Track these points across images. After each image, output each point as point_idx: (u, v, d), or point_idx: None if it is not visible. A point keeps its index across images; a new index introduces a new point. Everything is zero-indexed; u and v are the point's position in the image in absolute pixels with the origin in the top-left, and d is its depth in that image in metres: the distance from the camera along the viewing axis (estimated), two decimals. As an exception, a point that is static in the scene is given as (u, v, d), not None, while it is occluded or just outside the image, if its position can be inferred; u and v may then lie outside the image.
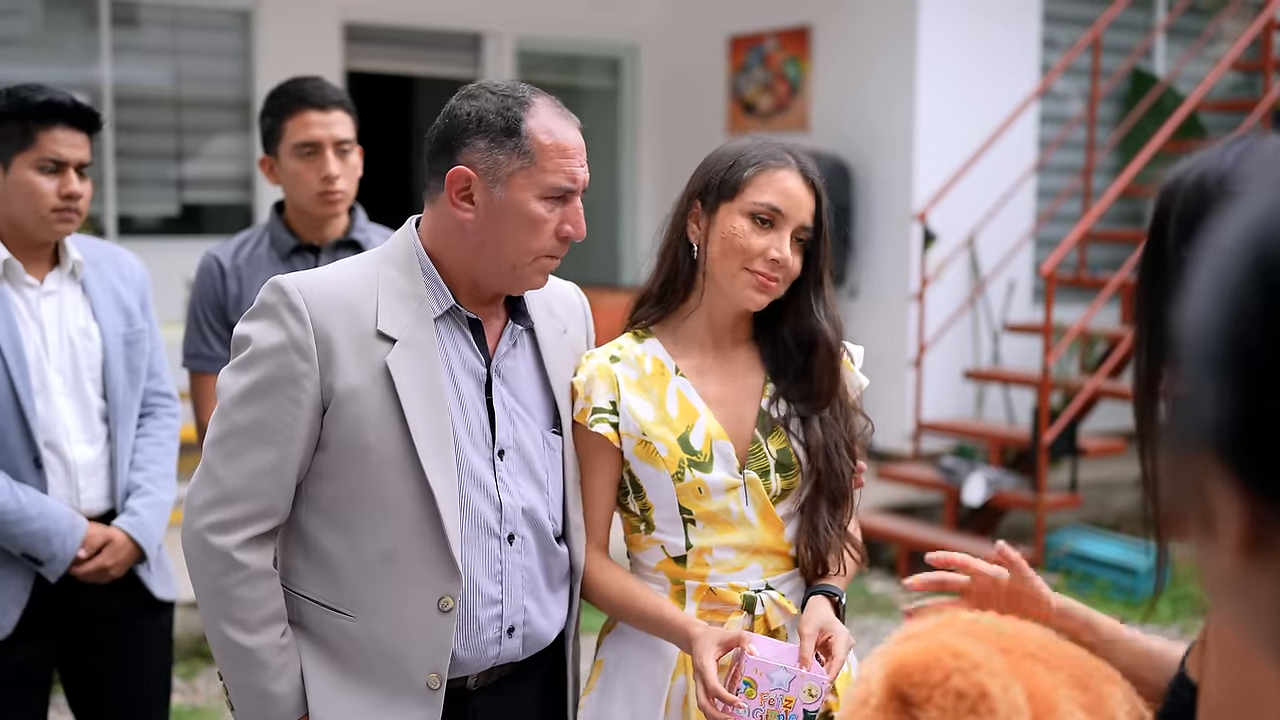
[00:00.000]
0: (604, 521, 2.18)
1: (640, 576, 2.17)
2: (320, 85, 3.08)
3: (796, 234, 2.11)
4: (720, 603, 2.10)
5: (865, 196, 7.70)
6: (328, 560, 1.96)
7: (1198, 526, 0.66)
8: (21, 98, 2.67)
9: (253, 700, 1.94)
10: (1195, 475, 0.65)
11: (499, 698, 2.08)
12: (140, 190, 7.56)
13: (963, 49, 7.56)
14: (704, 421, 2.11)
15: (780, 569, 2.14)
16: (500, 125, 1.94)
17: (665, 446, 2.09)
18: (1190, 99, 6.86)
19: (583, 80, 9.42)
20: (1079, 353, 7.33)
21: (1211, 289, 0.64)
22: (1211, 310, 0.64)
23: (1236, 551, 0.64)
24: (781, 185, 2.10)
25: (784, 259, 2.08)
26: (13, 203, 2.68)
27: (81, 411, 2.75)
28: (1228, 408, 0.62)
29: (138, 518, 2.77)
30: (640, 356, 2.17)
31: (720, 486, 2.09)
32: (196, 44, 7.60)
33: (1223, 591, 0.67)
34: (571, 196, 1.98)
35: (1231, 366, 0.62)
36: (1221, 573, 0.66)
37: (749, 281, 2.09)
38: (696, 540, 2.10)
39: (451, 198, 1.95)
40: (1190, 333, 0.65)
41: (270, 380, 1.89)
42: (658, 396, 2.13)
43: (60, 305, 2.76)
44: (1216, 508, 0.64)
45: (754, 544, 2.11)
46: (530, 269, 1.99)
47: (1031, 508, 6.28)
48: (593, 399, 2.12)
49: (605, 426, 2.11)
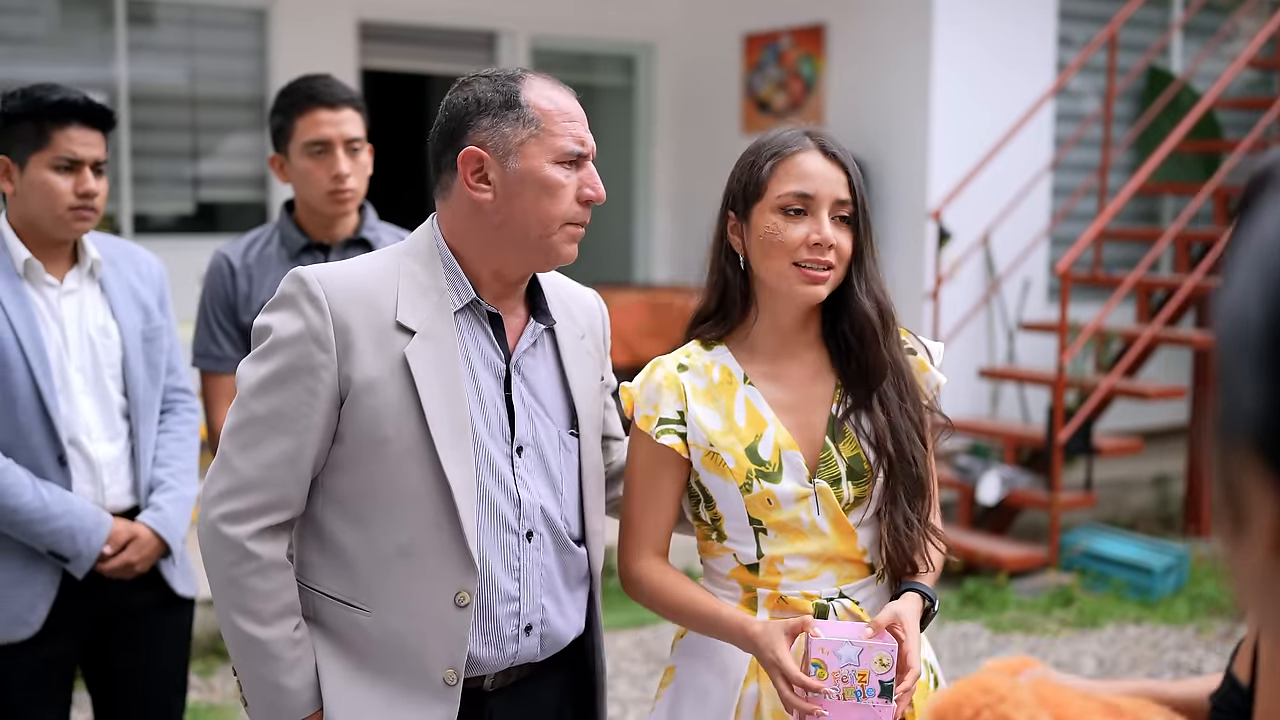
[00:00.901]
0: (664, 529, 2.14)
1: (713, 584, 2.13)
2: (330, 83, 3.08)
3: (835, 212, 2.04)
4: (792, 611, 2.04)
5: (880, 195, 7.68)
6: (344, 554, 1.95)
7: (1231, 523, 0.65)
8: (36, 97, 2.67)
9: (265, 694, 1.93)
10: (1232, 470, 0.64)
11: (516, 700, 2.06)
12: (156, 189, 7.58)
13: (978, 46, 7.54)
14: (772, 431, 2.06)
15: (854, 576, 2.09)
16: (499, 101, 1.94)
17: (733, 458, 2.04)
18: (1207, 96, 6.83)
19: (597, 78, 9.42)
20: (1094, 351, 7.30)
21: (1253, 279, 0.63)
22: (1252, 301, 0.63)
23: (1269, 550, 0.63)
24: (802, 169, 2.05)
25: (825, 239, 2.01)
26: (30, 202, 2.70)
27: (103, 409, 2.76)
28: (1266, 400, 0.61)
29: (161, 513, 2.79)
30: (709, 365, 2.12)
31: (790, 497, 2.03)
32: (212, 42, 7.62)
33: (1254, 592, 0.66)
34: (584, 161, 1.98)
35: (1271, 356, 0.61)
36: (1254, 572, 0.65)
37: (798, 276, 2.03)
38: (768, 549, 2.06)
39: (467, 180, 1.94)
40: (1229, 323, 0.64)
41: (288, 370, 1.89)
42: (725, 406, 2.08)
43: (80, 304, 2.77)
44: (1252, 504, 0.63)
45: (827, 553, 2.06)
46: (558, 238, 1.97)
47: (1046, 507, 6.26)
48: (660, 409, 2.08)
49: (673, 438, 2.07)
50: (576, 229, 1.99)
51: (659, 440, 2.06)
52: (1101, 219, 6.54)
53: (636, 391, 2.11)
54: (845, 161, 2.07)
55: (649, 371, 2.13)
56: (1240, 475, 0.64)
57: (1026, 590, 6.02)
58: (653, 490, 2.11)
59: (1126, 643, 5.47)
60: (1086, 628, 5.63)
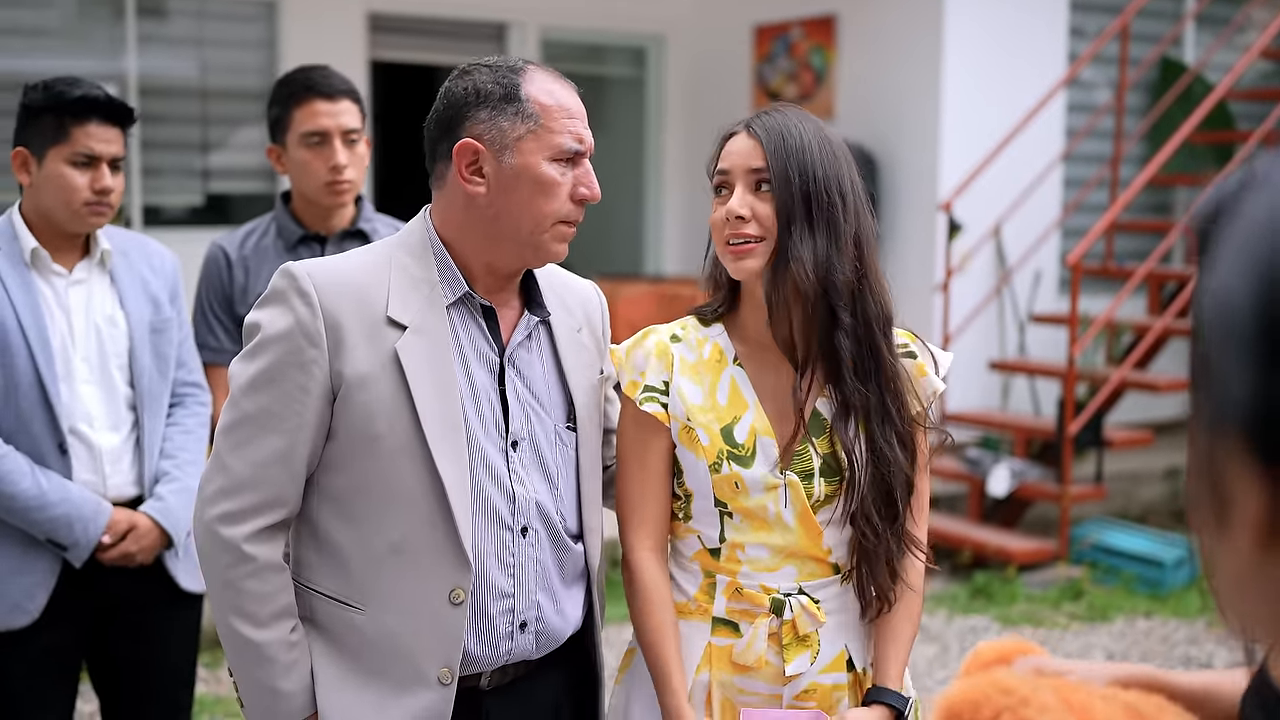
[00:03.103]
0: (663, 507, 2.09)
1: (677, 566, 2.11)
2: (327, 75, 3.07)
3: (750, 180, 2.00)
4: (748, 603, 2.03)
5: (890, 186, 7.66)
6: (338, 552, 1.93)
7: (1214, 515, 0.64)
8: (57, 92, 2.67)
9: (261, 696, 1.91)
10: (1216, 459, 0.63)
11: (513, 699, 2.04)
12: (166, 180, 7.60)
13: (989, 37, 7.51)
14: (751, 415, 2.04)
15: (816, 574, 2.05)
16: (499, 94, 1.91)
17: (707, 435, 2.02)
18: (1219, 87, 6.79)
19: (608, 70, 9.40)
20: (1105, 344, 7.28)
21: (1239, 268, 0.62)
22: (1238, 286, 0.62)
23: (1253, 542, 0.62)
24: (726, 150, 2.04)
25: (732, 210, 1.98)
26: (45, 195, 2.70)
27: (107, 398, 2.76)
28: (1252, 387, 0.60)
29: (164, 503, 2.78)
30: (702, 340, 2.10)
31: (759, 484, 2.01)
32: (221, 35, 7.63)
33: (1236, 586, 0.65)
34: (580, 159, 1.95)
35: (1260, 344, 0.60)
36: (1235, 565, 0.64)
37: (728, 253, 2.01)
38: (731, 535, 2.03)
39: (461, 172, 1.92)
40: (1216, 312, 0.63)
41: (278, 366, 1.87)
42: (710, 383, 2.06)
43: (88, 294, 2.77)
44: (1236, 494, 0.62)
45: (790, 547, 2.03)
46: (549, 236, 1.95)
47: (1056, 499, 6.24)
48: (646, 375, 2.06)
49: (655, 406, 2.04)
50: (568, 228, 1.96)
51: (642, 407, 2.04)
52: (1113, 210, 6.51)
53: (623, 356, 2.09)
54: (760, 133, 2.01)
55: (641, 338, 2.10)
56: (1225, 465, 0.63)
57: (1036, 583, 6.00)
58: (645, 462, 2.07)
59: (1136, 636, 5.45)
60: (1096, 621, 5.62)
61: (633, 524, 2.10)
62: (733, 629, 2.04)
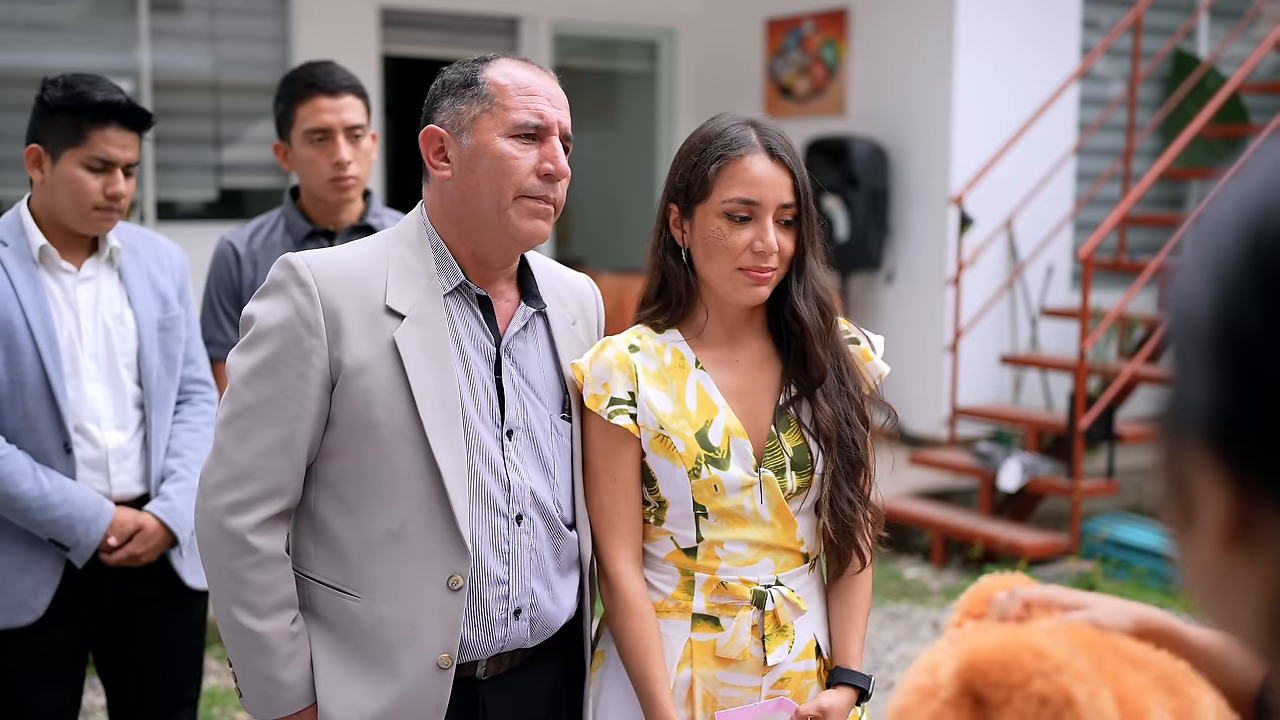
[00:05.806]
0: (638, 518, 2.10)
1: (649, 567, 2.12)
2: (331, 71, 3.08)
3: (780, 216, 2.03)
4: (730, 596, 2.05)
5: (902, 180, 7.65)
6: (336, 541, 1.95)
7: (1180, 517, 0.64)
8: (78, 92, 2.64)
9: (260, 687, 1.93)
10: (1179, 461, 0.63)
11: (508, 687, 2.05)
12: (179, 175, 7.61)
13: (1002, 30, 7.49)
14: (723, 417, 2.06)
15: (790, 565, 2.09)
16: (460, 81, 1.98)
17: (683, 442, 2.03)
18: (1232, 80, 6.75)
19: (620, 64, 9.39)
20: (1117, 337, 7.26)
21: (1203, 267, 0.62)
22: (1203, 288, 0.62)
23: (1218, 544, 0.62)
24: (748, 175, 2.02)
25: (768, 247, 2.01)
26: (57, 195, 2.68)
27: (114, 396, 2.75)
28: (1216, 389, 0.61)
29: (169, 502, 2.77)
30: (660, 348, 2.11)
31: (736, 484, 2.04)
32: (234, 29, 7.64)
33: (1200, 587, 0.65)
34: (545, 135, 1.97)
35: (1222, 347, 0.60)
36: (1200, 567, 0.64)
37: (742, 280, 2.03)
38: (708, 534, 2.06)
39: (429, 159, 1.98)
40: (1180, 314, 0.63)
41: (278, 356, 1.89)
42: (677, 390, 2.07)
43: (96, 291, 2.76)
44: (1200, 496, 0.62)
45: (765, 540, 2.06)
46: (514, 212, 1.95)
47: (1068, 494, 6.23)
48: (610, 388, 2.06)
49: (625, 419, 2.05)
50: (535, 203, 1.96)
51: (612, 421, 2.05)
52: (1125, 204, 6.49)
53: (586, 369, 2.09)
54: (791, 163, 2.04)
55: (599, 350, 2.10)
56: (1189, 468, 0.63)
57: (1047, 578, 5.99)
58: (616, 474, 2.08)
59: (1146, 630, 5.43)
60: (1106, 615, 5.60)
61: (609, 537, 2.10)
62: (713, 623, 2.07)
